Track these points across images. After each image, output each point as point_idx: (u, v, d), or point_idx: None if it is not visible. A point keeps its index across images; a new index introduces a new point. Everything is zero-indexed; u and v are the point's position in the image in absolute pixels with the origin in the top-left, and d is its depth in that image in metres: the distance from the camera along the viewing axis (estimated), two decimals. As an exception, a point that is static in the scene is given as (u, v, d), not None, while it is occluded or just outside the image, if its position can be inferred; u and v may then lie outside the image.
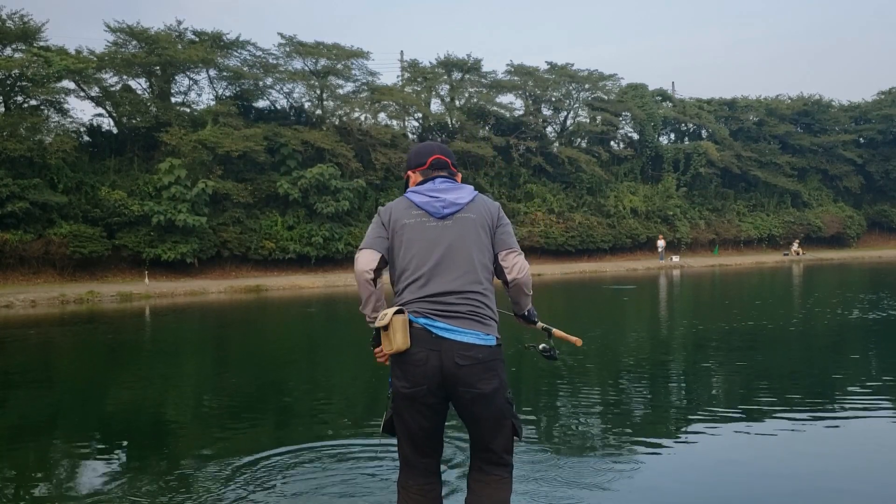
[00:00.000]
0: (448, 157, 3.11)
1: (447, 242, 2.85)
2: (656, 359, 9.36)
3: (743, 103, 51.40)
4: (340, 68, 37.21)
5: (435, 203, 2.91)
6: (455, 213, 2.91)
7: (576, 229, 40.48)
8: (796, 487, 4.35)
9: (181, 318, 17.61)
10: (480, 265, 2.87)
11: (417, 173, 3.09)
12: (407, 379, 2.78)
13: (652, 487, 4.38)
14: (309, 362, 10.32)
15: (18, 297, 21.85)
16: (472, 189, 3.03)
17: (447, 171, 3.08)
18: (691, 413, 6.23)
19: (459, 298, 2.79)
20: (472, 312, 2.79)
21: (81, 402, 7.84)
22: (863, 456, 4.93)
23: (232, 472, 4.83)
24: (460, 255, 2.84)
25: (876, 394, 6.71)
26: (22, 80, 28.78)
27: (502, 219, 3.00)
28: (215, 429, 6.23)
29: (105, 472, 5.01)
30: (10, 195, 26.02)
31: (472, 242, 2.87)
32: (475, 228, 2.90)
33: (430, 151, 3.10)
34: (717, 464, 4.84)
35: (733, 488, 4.36)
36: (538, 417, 6.24)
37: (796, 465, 4.77)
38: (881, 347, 9.88)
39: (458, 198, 2.94)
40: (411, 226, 2.89)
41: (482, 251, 2.89)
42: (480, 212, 2.94)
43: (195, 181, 29.91)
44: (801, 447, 5.19)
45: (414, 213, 2.92)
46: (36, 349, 12.47)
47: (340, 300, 22.06)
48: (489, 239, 2.93)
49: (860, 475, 4.57)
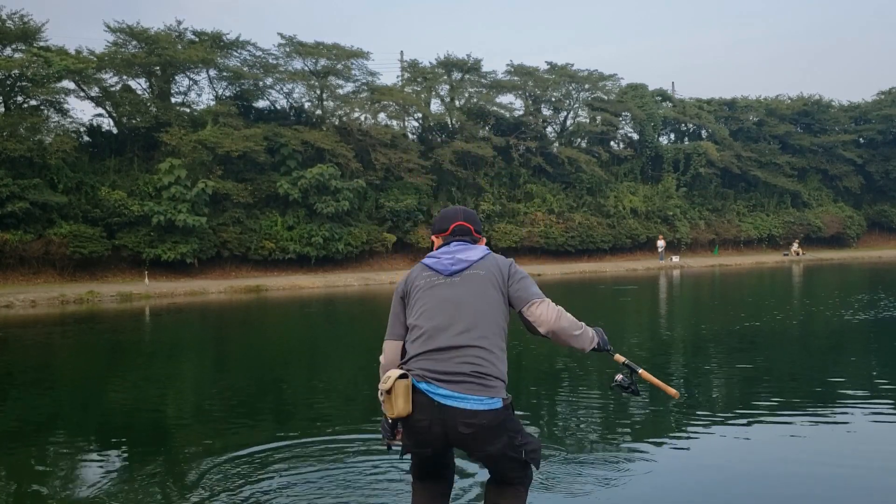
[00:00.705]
0: (471, 223, 3.13)
1: (455, 299, 2.86)
2: (655, 359, 9.37)
3: (743, 103, 51.40)
4: (340, 68, 37.21)
5: (444, 261, 2.95)
6: (463, 271, 2.92)
7: (576, 229, 40.49)
8: (798, 487, 4.35)
9: (181, 319, 17.62)
10: (488, 320, 2.84)
11: (440, 238, 3.13)
12: (411, 439, 2.84)
13: (654, 487, 4.39)
14: (308, 362, 10.33)
15: (18, 297, 21.86)
16: (485, 248, 3.05)
17: (469, 237, 3.10)
18: (692, 414, 6.23)
19: (462, 355, 2.75)
20: (476, 374, 2.74)
21: (81, 401, 7.85)
22: (863, 456, 4.94)
23: (231, 471, 4.84)
24: (466, 310, 2.83)
25: (876, 394, 6.72)
26: (22, 80, 28.78)
27: (515, 273, 2.97)
28: (214, 428, 6.24)
29: (105, 471, 5.02)
30: (10, 195, 26.02)
31: (480, 298, 2.86)
32: (484, 285, 2.89)
33: (453, 218, 3.14)
34: (718, 464, 4.85)
35: (734, 488, 4.37)
36: (538, 418, 6.25)
37: (797, 464, 4.78)
38: (880, 347, 9.89)
39: (468, 256, 2.96)
40: (422, 286, 2.95)
41: (491, 306, 2.87)
42: (490, 269, 2.93)
43: (195, 181, 29.91)
44: (803, 447, 5.20)
45: (425, 274, 2.98)
46: (36, 349, 12.48)
47: (340, 300, 22.08)
48: (501, 296, 2.90)
49: (861, 475, 4.58)
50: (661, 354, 9.84)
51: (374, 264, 34.84)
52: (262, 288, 26.23)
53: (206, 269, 30.80)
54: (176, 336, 14.45)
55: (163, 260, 29.03)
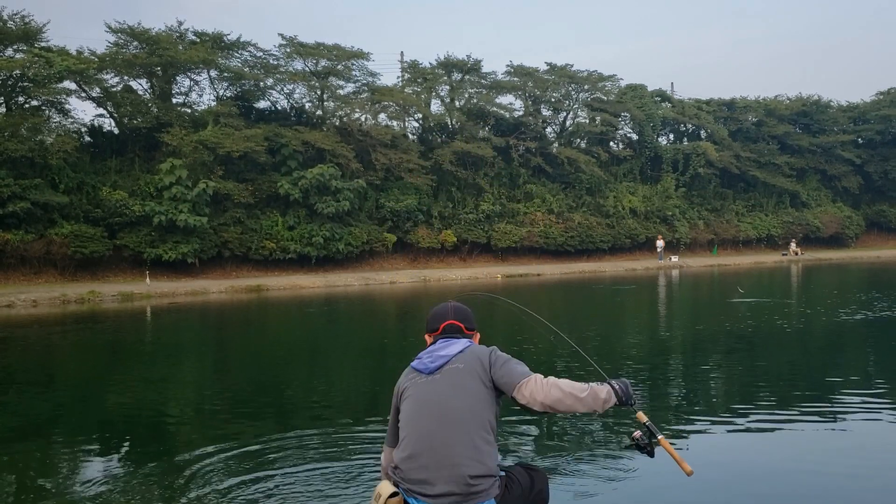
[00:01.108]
0: (462, 321, 3.12)
1: (437, 398, 2.85)
2: (653, 359, 9.44)
3: (742, 104, 51.46)
4: (341, 69, 37.29)
5: (425, 360, 2.97)
6: (443, 366, 2.92)
7: (575, 229, 40.56)
8: (798, 486, 4.43)
9: (182, 319, 17.69)
10: (470, 417, 2.81)
11: (431, 337, 3.14)
12: None
13: (655, 487, 4.47)
14: (308, 362, 10.40)
15: (20, 297, 21.94)
16: (467, 341, 3.03)
17: (460, 334, 3.10)
18: (692, 414, 6.31)
19: (449, 465, 2.74)
20: (465, 483, 2.73)
21: (82, 401, 7.92)
22: (863, 455, 5.02)
23: (231, 470, 4.92)
24: (448, 412, 2.81)
25: (875, 394, 6.80)
26: (23, 81, 28.85)
27: (497, 360, 2.94)
28: (214, 427, 6.31)
29: (105, 471, 5.09)
30: (12, 195, 26.09)
31: (462, 392, 2.85)
32: (464, 378, 2.88)
33: (443, 317, 3.14)
34: (718, 464, 4.92)
35: (735, 488, 4.45)
36: (538, 417, 6.32)
37: (798, 465, 4.84)
38: (880, 347, 9.96)
39: (448, 351, 2.96)
40: (408, 387, 2.96)
41: (474, 400, 2.85)
42: (469, 360, 2.93)
43: (196, 181, 29.98)
44: (803, 448, 5.27)
45: (410, 376, 3.00)
46: (37, 349, 12.55)
47: (341, 300, 22.14)
48: (483, 386, 2.89)
49: (860, 474, 4.65)
50: (659, 354, 9.92)
51: (374, 264, 34.92)
52: (263, 288, 26.31)
53: (206, 269, 30.87)
54: (177, 336, 14.52)
55: (164, 260, 29.10)
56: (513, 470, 3.00)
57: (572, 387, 2.81)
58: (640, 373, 8.22)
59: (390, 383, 3.20)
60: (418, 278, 30.21)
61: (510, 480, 2.90)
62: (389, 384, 3.17)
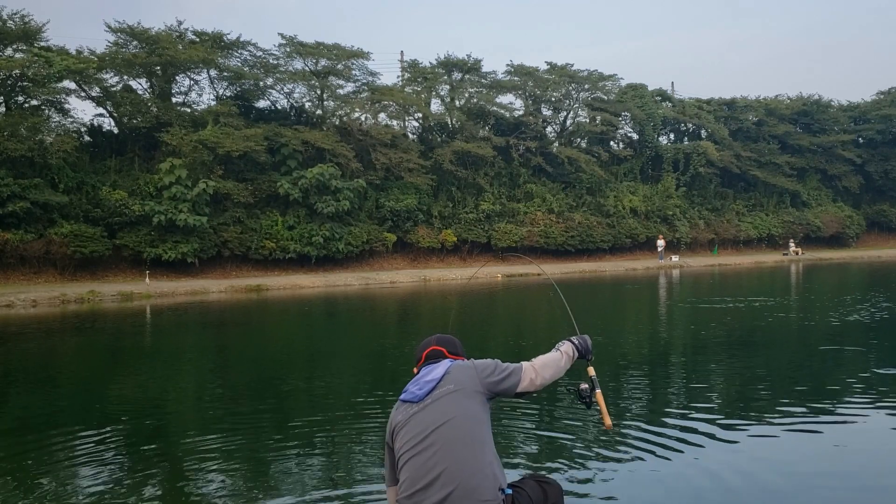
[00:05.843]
0: (444, 346, 3.12)
1: (433, 426, 2.78)
2: (653, 359, 9.42)
3: (742, 103, 51.45)
4: (341, 68, 37.25)
5: (412, 390, 2.93)
6: (432, 391, 2.88)
7: (575, 229, 40.53)
8: (798, 486, 4.41)
9: (182, 318, 17.67)
10: (468, 439, 2.77)
11: (417, 368, 3.12)
12: None
13: (656, 486, 4.44)
14: (308, 362, 10.38)
15: (19, 297, 21.91)
16: (449, 361, 3.00)
17: (443, 358, 3.08)
18: (693, 413, 6.29)
19: (451, 499, 2.68)
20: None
21: (82, 401, 7.90)
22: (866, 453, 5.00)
23: (231, 470, 4.89)
24: (445, 441, 2.75)
25: (874, 394, 6.77)
26: (23, 81, 28.81)
27: (484, 369, 2.95)
28: (214, 427, 6.29)
29: (105, 470, 5.07)
30: (11, 195, 26.07)
31: (456, 415, 2.80)
32: (458, 399, 2.84)
33: (425, 346, 3.15)
34: (719, 464, 4.90)
35: (735, 487, 4.42)
36: (539, 419, 6.30)
37: (799, 463, 4.83)
38: (879, 347, 9.94)
39: (433, 375, 2.93)
40: (401, 421, 2.90)
41: (469, 419, 2.81)
42: (458, 379, 2.90)
43: (196, 181, 29.95)
44: (804, 447, 5.25)
45: (402, 408, 2.95)
46: (37, 349, 12.53)
47: (340, 300, 22.12)
48: (479, 400, 2.87)
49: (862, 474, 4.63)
50: (658, 354, 9.89)
51: (374, 264, 34.89)
52: (263, 287, 26.28)
53: (206, 268, 30.84)
54: (176, 336, 14.50)
55: (163, 259, 29.07)
56: (523, 484, 2.91)
57: (552, 363, 3.13)
58: (640, 370, 8.17)
59: (391, 383, 3.18)
60: (418, 278, 30.19)
61: (519, 496, 2.82)
62: (390, 384, 3.14)
